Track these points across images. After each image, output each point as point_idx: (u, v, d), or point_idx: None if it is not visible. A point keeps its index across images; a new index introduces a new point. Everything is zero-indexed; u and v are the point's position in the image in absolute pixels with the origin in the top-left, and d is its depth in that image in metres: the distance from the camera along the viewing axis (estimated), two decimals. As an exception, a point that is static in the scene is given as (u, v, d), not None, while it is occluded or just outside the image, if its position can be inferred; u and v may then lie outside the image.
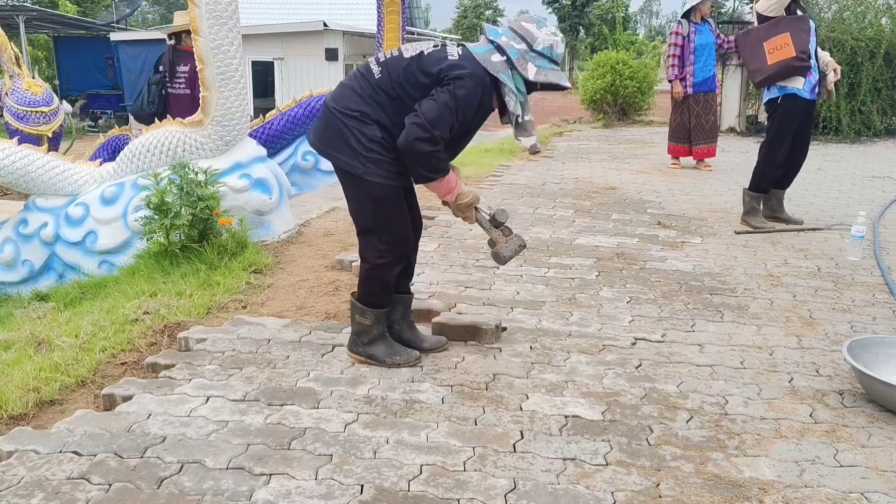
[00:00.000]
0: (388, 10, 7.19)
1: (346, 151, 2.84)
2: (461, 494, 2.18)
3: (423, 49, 2.89)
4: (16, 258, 5.17)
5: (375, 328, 3.05)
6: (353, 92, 2.87)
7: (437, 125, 2.72)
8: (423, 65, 2.82)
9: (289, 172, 6.79)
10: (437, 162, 2.79)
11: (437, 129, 2.72)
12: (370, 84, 2.85)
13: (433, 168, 2.81)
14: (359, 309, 3.04)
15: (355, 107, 2.83)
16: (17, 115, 8.09)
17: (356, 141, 2.82)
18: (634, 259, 4.68)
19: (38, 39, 24.21)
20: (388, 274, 2.99)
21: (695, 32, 8.17)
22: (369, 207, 2.91)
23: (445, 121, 2.73)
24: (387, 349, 3.06)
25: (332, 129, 2.88)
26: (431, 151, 2.74)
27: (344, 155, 2.85)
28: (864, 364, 2.81)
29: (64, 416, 2.70)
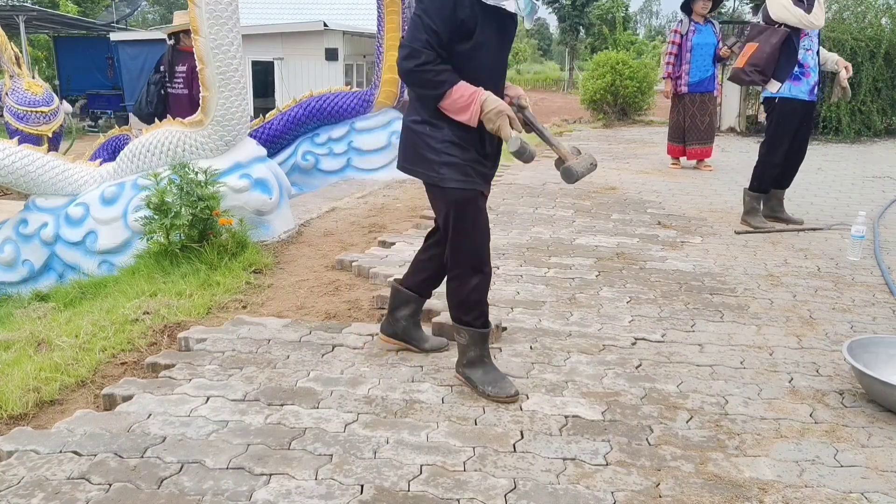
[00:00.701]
0: (388, 10, 7.20)
1: (422, 162, 2.74)
2: (461, 494, 2.18)
3: None
4: (16, 258, 5.17)
5: (472, 350, 2.86)
6: (415, 100, 2.78)
7: (412, 39, 2.59)
8: None
9: (289, 172, 6.81)
10: (430, 75, 2.59)
11: (413, 43, 2.59)
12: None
13: (430, 83, 2.61)
14: (455, 329, 2.92)
15: (424, 113, 2.73)
16: (17, 115, 8.10)
17: (428, 148, 2.71)
18: (634, 259, 4.68)
19: (38, 39, 24.21)
20: (465, 287, 2.83)
21: (693, 31, 8.11)
22: (449, 216, 2.76)
23: (419, 30, 2.58)
24: (484, 375, 2.84)
25: (408, 144, 2.80)
26: (417, 66, 2.59)
27: (421, 166, 2.75)
28: (864, 364, 2.81)
29: (64, 416, 2.70)
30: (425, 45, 2.58)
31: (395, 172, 7.42)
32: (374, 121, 7.45)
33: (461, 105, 2.62)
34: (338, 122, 7.40)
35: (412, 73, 2.63)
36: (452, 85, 2.61)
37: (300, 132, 7.38)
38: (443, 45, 2.59)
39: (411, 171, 2.82)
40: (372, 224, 5.56)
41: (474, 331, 2.86)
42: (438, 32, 2.57)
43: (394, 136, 7.44)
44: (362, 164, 7.44)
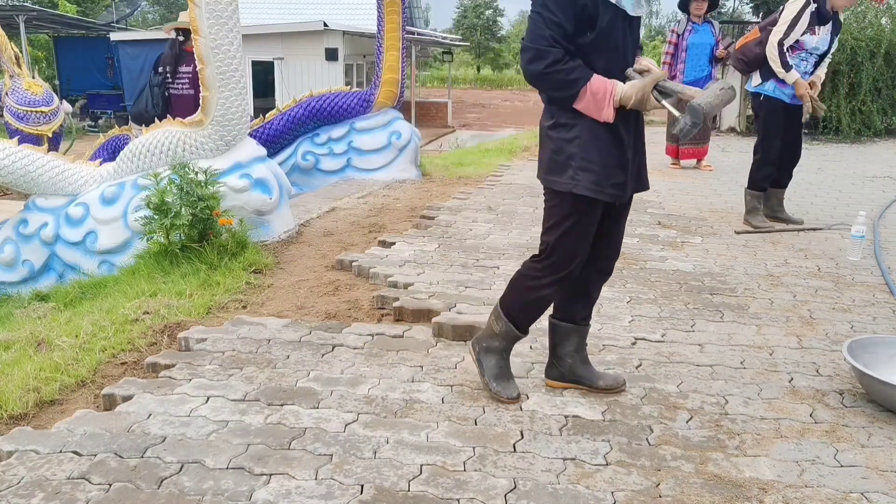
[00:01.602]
0: (388, 10, 7.20)
1: (554, 168, 2.56)
2: (461, 494, 2.18)
3: None
4: (16, 258, 5.17)
5: (498, 341, 2.78)
6: (546, 102, 2.60)
7: (535, 38, 2.41)
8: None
9: (289, 172, 6.81)
10: (563, 75, 2.41)
11: (536, 43, 2.41)
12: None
13: (563, 83, 2.43)
14: (496, 312, 2.79)
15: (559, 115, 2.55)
16: (17, 114, 8.10)
17: (563, 153, 2.53)
18: (634, 259, 4.68)
19: (38, 39, 24.21)
20: (538, 294, 2.68)
21: (690, 31, 8.12)
22: (562, 223, 2.58)
23: (540, 27, 2.40)
24: (495, 368, 2.78)
25: (545, 152, 2.61)
26: (546, 66, 2.40)
27: (553, 174, 2.56)
28: (864, 364, 2.81)
29: (64, 416, 2.70)
30: (551, 43, 2.40)
31: (394, 172, 7.47)
32: (374, 121, 7.45)
33: (597, 103, 2.44)
34: (338, 122, 7.40)
35: (542, 77, 2.44)
36: (587, 81, 2.42)
37: (300, 132, 7.39)
38: (568, 38, 2.40)
39: (549, 182, 2.61)
40: (372, 224, 5.56)
41: (513, 329, 2.75)
42: (562, 25, 2.39)
43: (394, 136, 7.44)
44: (362, 164, 7.44)
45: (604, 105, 2.44)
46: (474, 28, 51.45)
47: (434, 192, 6.92)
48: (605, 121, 2.47)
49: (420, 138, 7.97)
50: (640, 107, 2.49)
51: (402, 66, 7.36)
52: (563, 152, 2.53)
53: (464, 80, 49.84)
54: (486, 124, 24.38)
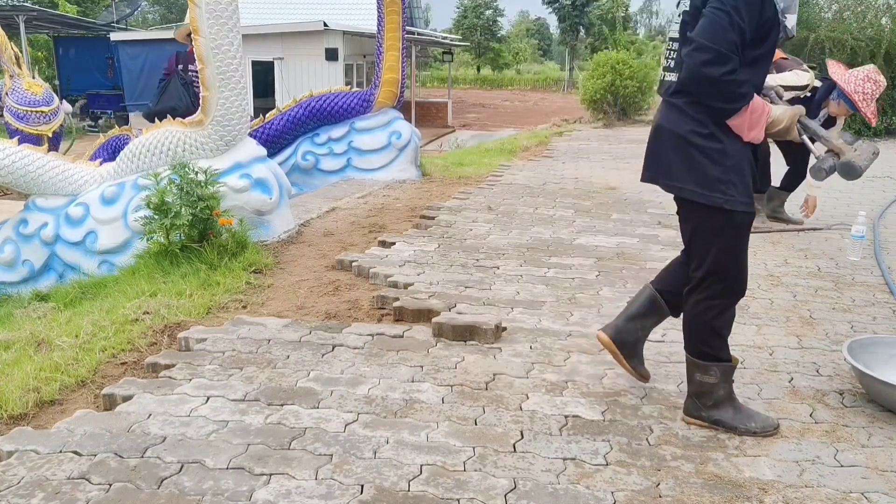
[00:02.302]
0: (388, 10, 7.20)
1: (703, 181, 2.40)
2: (461, 494, 2.18)
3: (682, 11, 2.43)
4: (16, 258, 5.17)
5: (721, 388, 2.56)
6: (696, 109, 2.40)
7: (718, 40, 2.21)
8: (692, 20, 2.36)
9: (289, 172, 6.81)
10: (735, 86, 2.27)
11: (719, 45, 2.21)
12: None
13: (733, 95, 2.29)
14: (700, 366, 2.56)
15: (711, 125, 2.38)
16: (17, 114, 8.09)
17: (714, 165, 2.38)
18: (635, 259, 4.68)
19: (38, 39, 24.22)
20: (723, 318, 2.53)
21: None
22: (720, 244, 2.44)
23: (726, 29, 2.22)
24: (736, 413, 2.57)
25: (681, 157, 2.44)
26: (724, 73, 2.23)
27: (699, 185, 2.41)
28: (864, 364, 2.81)
29: (64, 416, 2.70)
30: (733, 49, 2.23)
31: (394, 172, 7.47)
32: (374, 121, 7.45)
33: (751, 119, 2.34)
34: (338, 122, 7.40)
35: (715, 83, 2.26)
36: (750, 99, 2.32)
37: (300, 132, 7.39)
38: (743, 48, 2.27)
39: (678, 189, 2.48)
40: (372, 224, 5.56)
41: (725, 365, 2.56)
42: (745, 33, 2.25)
43: (394, 136, 7.44)
44: (362, 164, 7.44)
45: (757, 125, 2.36)
46: (474, 28, 51.42)
47: (434, 192, 6.92)
48: (750, 140, 2.39)
49: (420, 138, 7.97)
50: (782, 134, 2.44)
51: (402, 66, 7.36)
52: (713, 164, 2.39)
53: (464, 80, 49.83)
54: (486, 124, 24.38)
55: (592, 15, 42.89)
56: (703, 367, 2.57)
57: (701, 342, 2.56)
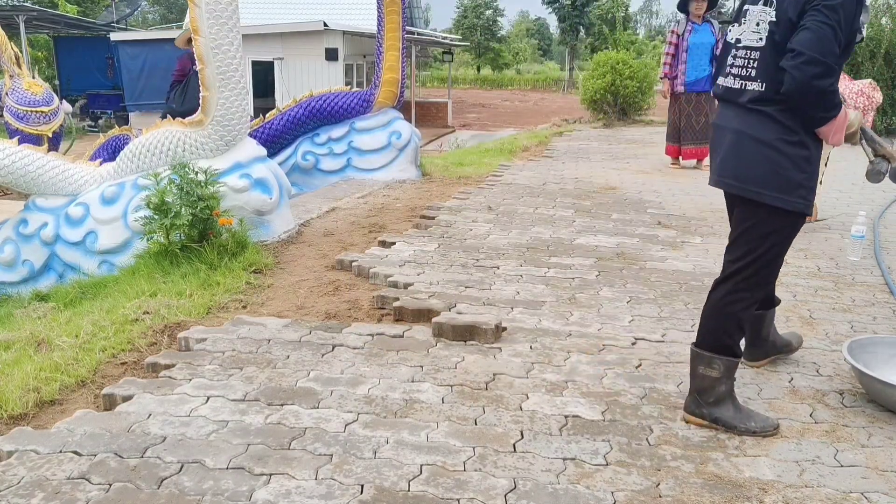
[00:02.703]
0: (388, 10, 7.20)
1: (785, 186, 2.46)
2: (461, 494, 2.18)
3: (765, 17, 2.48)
4: (16, 258, 5.17)
5: (723, 384, 2.60)
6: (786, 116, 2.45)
7: (827, 54, 2.30)
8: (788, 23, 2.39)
9: (289, 172, 6.81)
10: (835, 97, 2.38)
11: (829, 59, 2.30)
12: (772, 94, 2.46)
13: (833, 105, 2.38)
14: (705, 359, 2.61)
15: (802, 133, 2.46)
16: (17, 115, 8.09)
17: (797, 170, 2.46)
18: (634, 259, 4.68)
19: (38, 39, 24.23)
20: (748, 311, 2.63)
21: (690, 31, 8.11)
22: (774, 240, 2.55)
23: (832, 45, 2.31)
24: (736, 412, 2.60)
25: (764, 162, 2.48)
26: (830, 85, 2.33)
27: (779, 190, 2.47)
28: (864, 364, 2.81)
29: (64, 416, 2.70)
30: (837, 62, 2.34)
31: (394, 172, 7.47)
32: (374, 121, 7.45)
33: (838, 126, 2.44)
34: (338, 122, 7.40)
35: (824, 94, 2.34)
36: (841, 106, 2.43)
37: (300, 132, 7.39)
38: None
39: (755, 193, 2.51)
40: (372, 224, 5.56)
41: (730, 360, 2.61)
42: (841, 45, 2.37)
43: (394, 136, 7.44)
44: (362, 164, 7.44)
45: (840, 130, 2.46)
46: (474, 28, 51.43)
47: (434, 192, 6.92)
48: (835, 144, 2.52)
49: (420, 138, 7.97)
50: (850, 137, 2.57)
51: (402, 66, 7.36)
52: (798, 171, 2.46)
53: (464, 80, 49.84)
54: (486, 124, 24.38)
55: (592, 15, 42.90)
56: (709, 359, 2.61)
57: (722, 333, 2.61)
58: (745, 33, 2.54)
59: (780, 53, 2.41)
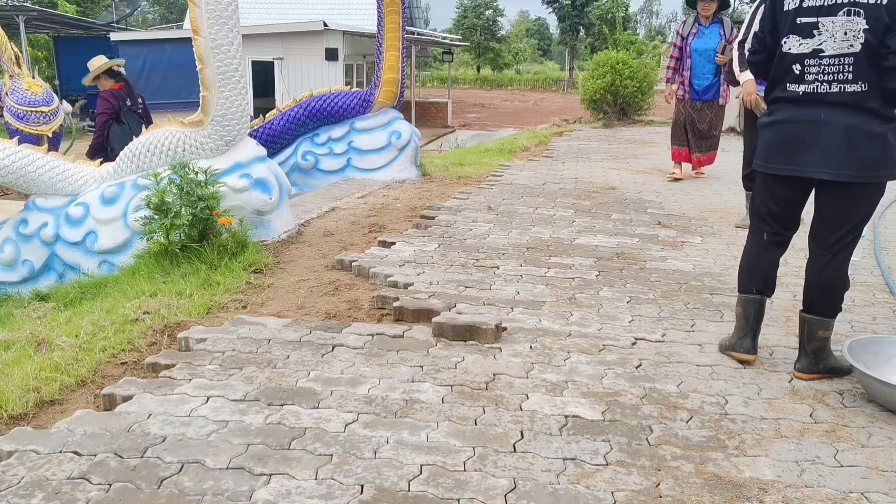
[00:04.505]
0: (388, 10, 7.20)
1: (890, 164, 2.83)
2: (461, 494, 2.18)
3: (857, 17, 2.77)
4: (16, 258, 5.17)
5: (830, 337, 3.02)
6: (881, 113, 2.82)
7: None
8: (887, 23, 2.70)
9: (289, 172, 6.82)
10: None
11: None
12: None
13: None
14: (822, 323, 2.99)
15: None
16: (17, 115, 8.09)
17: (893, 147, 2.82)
18: (634, 259, 4.68)
19: (38, 39, 24.23)
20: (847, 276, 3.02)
21: (695, 35, 7.36)
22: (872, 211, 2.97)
23: None
24: (833, 356, 3.02)
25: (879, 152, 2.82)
26: None
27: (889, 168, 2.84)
28: (864, 364, 2.81)
29: (64, 416, 2.70)
30: None
31: (394, 172, 7.47)
32: (374, 121, 7.45)
33: None
34: (338, 122, 7.40)
35: None
36: None
37: (300, 132, 7.39)
38: None
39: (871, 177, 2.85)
40: (372, 224, 5.56)
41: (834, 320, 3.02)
42: None
43: (393, 136, 7.44)
44: (362, 164, 7.44)
45: None
46: (474, 28, 51.45)
47: (434, 192, 6.92)
48: None
49: (420, 138, 7.97)
50: None
51: (402, 66, 7.36)
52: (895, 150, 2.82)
53: (464, 80, 49.87)
54: (486, 124, 24.39)
55: (592, 15, 42.92)
56: (827, 324, 2.98)
57: (840, 299, 2.99)
58: (828, 42, 2.80)
59: (876, 56, 2.73)
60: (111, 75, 6.75)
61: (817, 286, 3.00)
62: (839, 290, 2.99)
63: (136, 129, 6.33)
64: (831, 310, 2.99)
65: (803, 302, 3.07)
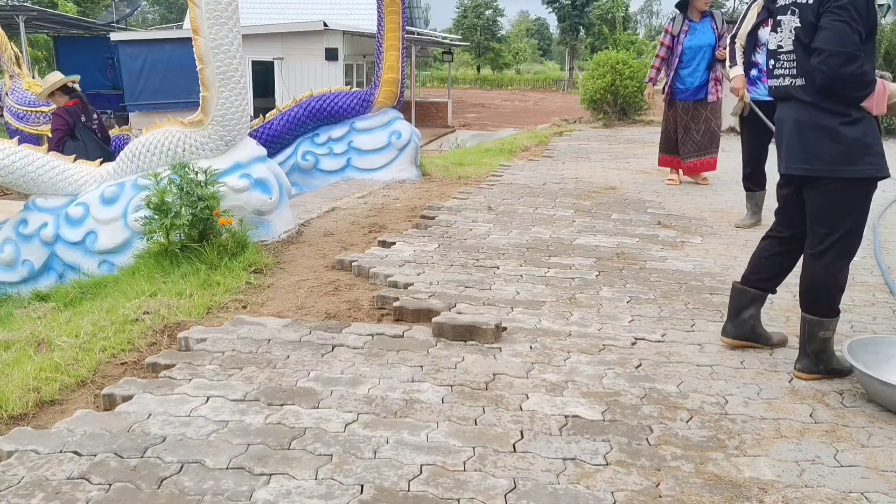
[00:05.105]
0: (388, 10, 7.20)
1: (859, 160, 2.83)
2: (461, 494, 2.18)
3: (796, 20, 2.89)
4: (16, 258, 5.17)
5: (831, 341, 3.00)
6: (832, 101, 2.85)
7: (847, 44, 2.71)
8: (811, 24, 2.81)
9: (289, 172, 6.81)
10: (865, 76, 2.76)
11: (848, 48, 2.70)
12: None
13: (864, 84, 2.77)
14: (822, 324, 2.97)
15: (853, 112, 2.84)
16: (17, 115, 8.10)
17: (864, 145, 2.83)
18: (634, 259, 4.68)
19: (38, 39, 24.25)
20: (845, 275, 2.98)
21: (686, 32, 6.92)
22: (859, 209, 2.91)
23: (850, 36, 2.71)
24: (836, 358, 3.02)
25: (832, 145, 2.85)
26: (857, 69, 2.72)
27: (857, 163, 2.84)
28: (864, 364, 2.81)
29: (64, 416, 2.70)
30: (858, 48, 2.73)
31: (394, 172, 7.47)
32: (374, 121, 7.45)
33: (878, 98, 2.80)
34: (338, 122, 7.40)
35: (853, 77, 2.74)
36: (875, 82, 2.79)
37: (300, 132, 7.39)
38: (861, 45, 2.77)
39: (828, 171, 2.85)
40: (372, 224, 5.56)
41: (837, 319, 3.00)
42: (861, 33, 2.75)
43: (393, 136, 7.44)
44: (362, 164, 7.44)
45: (881, 101, 2.81)
46: (474, 28, 51.45)
47: (434, 192, 6.92)
48: (879, 114, 2.86)
49: (420, 138, 7.97)
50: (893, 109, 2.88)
51: (402, 66, 7.36)
52: (858, 143, 2.82)
53: (464, 80, 49.86)
54: (486, 124, 24.39)
55: (592, 15, 42.92)
56: (826, 323, 2.97)
57: (832, 300, 2.97)
58: (784, 40, 2.98)
59: (807, 52, 2.85)
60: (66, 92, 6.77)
61: (806, 286, 3.02)
62: (828, 292, 2.97)
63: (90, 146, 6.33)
64: (824, 310, 2.98)
65: (800, 302, 3.08)
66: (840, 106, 2.83)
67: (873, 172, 2.84)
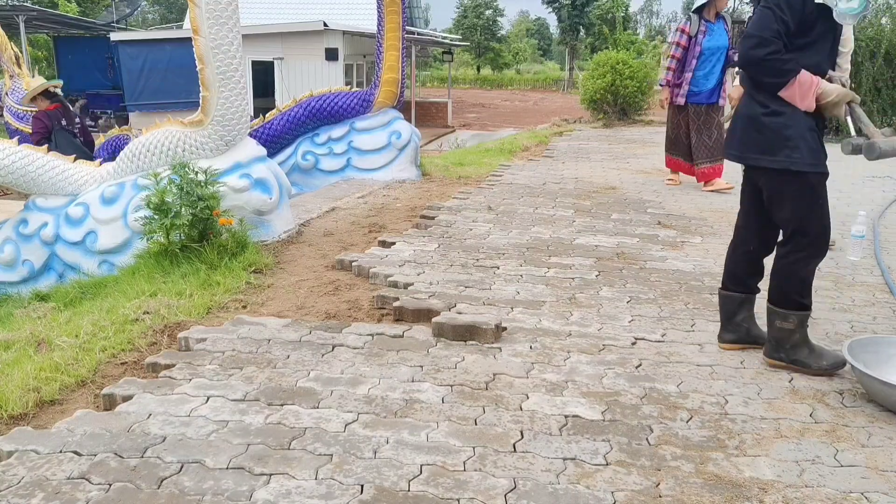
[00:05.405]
0: (388, 9, 7.20)
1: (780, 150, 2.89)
2: (461, 494, 2.18)
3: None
4: (16, 258, 5.17)
5: (797, 333, 3.01)
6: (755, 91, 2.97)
7: (763, 29, 2.78)
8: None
9: (289, 172, 6.82)
10: (779, 63, 2.80)
11: (763, 32, 2.78)
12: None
13: (778, 71, 2.81)
14: (780, 314, 3.01)
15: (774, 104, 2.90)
16: (17, 115, 8.10)
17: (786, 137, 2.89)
18: (634, 259, 4.68)
19: (38, 39, 24.25)
20: (808, 268, 3.00)
21: (704, 32, 6.75)
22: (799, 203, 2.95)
23: (769, 20, 2.77)
24: (810, 353, 3.02)
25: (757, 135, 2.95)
26: (767, 54, 2.78)
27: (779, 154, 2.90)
28: (864, 364, 2.81)
29: (64, 416, 2.70)
30: (775, 35, 2.77)
31: (394, 172, 7.47)
32: (374, 121, 7.45)
33: (800, 91, 2.82)
34: (338, 122, 7.40)
35: (763, 62, 2.81)
36: (797, 73, 2.81)
37: (300, 132, 7.39)
38: (788, 35, 2.79)
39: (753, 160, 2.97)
40: (372, 224, 5.56)
41: (802, 313, 3.01)
42: (788, 23, 2.78)
43: (393, 136, 7.44)
44: (362, 163, 7.44)
45: (807, 96, 2.84)
46: (474, 28, 51.45)
47: (434, 192, 6.92)
48: (807, 109, 2.87)
49: (420, 138, 7.97)
50: (830, 109, 2.90)
51: (402, 66, 7.36)
52: (777, 135, 2.89)
53: (464, 80, 49.85)
54: (486, 124, 24.39)
55: (592, 15, 42.90)
56: (783, 314, 2.99)
57: (790, 291, 2.99)
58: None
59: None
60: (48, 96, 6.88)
61: (771, 272, 3.07)
62: (785, 283, 3.00)
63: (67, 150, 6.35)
64: (780, 300, 3.01)
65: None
66: (764, 97, 2.90)
67: (788, 165, 2.88)
